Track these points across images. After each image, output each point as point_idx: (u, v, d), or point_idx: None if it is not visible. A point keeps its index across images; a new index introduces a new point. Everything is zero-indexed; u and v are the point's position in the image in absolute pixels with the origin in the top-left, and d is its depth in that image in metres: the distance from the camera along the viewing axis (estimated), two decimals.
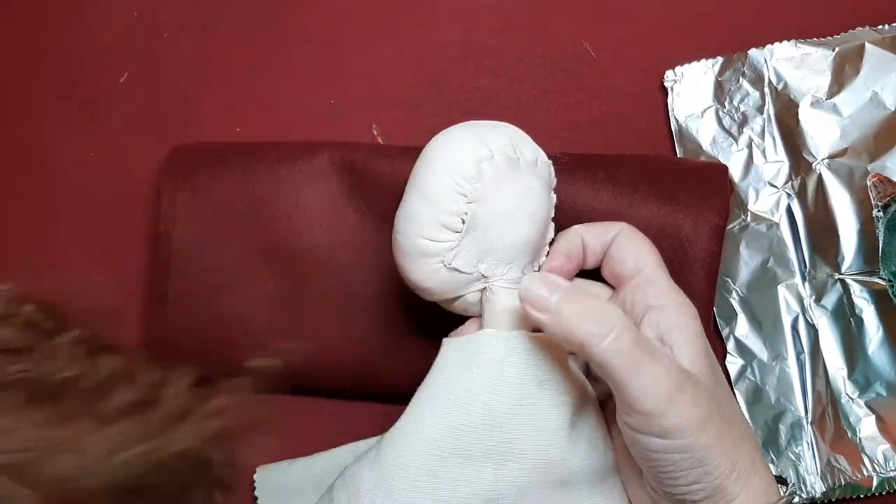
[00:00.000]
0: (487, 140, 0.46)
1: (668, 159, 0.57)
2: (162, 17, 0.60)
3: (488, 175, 0.46)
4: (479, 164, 0.46)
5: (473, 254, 0.46)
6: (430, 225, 0.46)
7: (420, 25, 0.59)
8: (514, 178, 0.46)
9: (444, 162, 0.46)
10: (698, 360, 0.45)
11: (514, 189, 0.46)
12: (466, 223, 0.46)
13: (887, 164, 0.56)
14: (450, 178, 0.46)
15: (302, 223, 0.54)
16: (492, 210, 0.46)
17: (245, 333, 0.54)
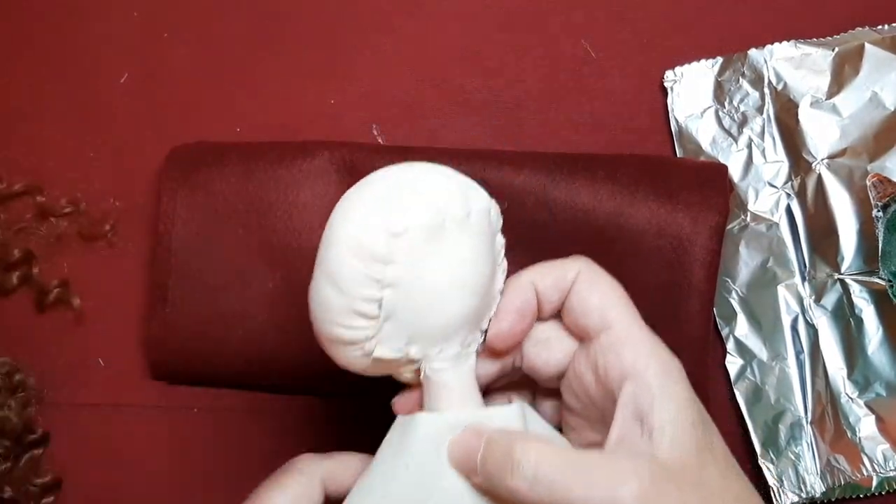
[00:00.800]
0: (399, 210, 0.39)
1: (667, 159, 0.57)
2: (162, 17, 0.60)
3: (402, 253, 0.39)
4: (389, 242, 0.39)
5: (399, 339, 0.41)
6: (343, 313, 0.40)
7: (420, 25, 0.59)
8: (438, 249, 0.40)
9: (348, 241, 0.39)
10: (681, 443, 0.38)
11: (439, 263, 0.40)
12: (384, 309, 0.40)
13: (887, 164, 0.56)
14: (357, 261, 0.39)
15: (302, 222, 0.54)
16: (413, 292, 0.40)
17: (245, 333, 0.54)
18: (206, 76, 0.59)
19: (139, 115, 0.59)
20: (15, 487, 0.54)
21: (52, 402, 0.56)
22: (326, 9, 0.60)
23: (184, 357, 0.55)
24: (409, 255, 0.39)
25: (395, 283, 0.39)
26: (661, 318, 0.52)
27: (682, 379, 0.41)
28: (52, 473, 0.55)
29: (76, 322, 0.57)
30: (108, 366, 0.57)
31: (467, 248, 0.41)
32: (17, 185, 0.58)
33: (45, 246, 0.58)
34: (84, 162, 0.59)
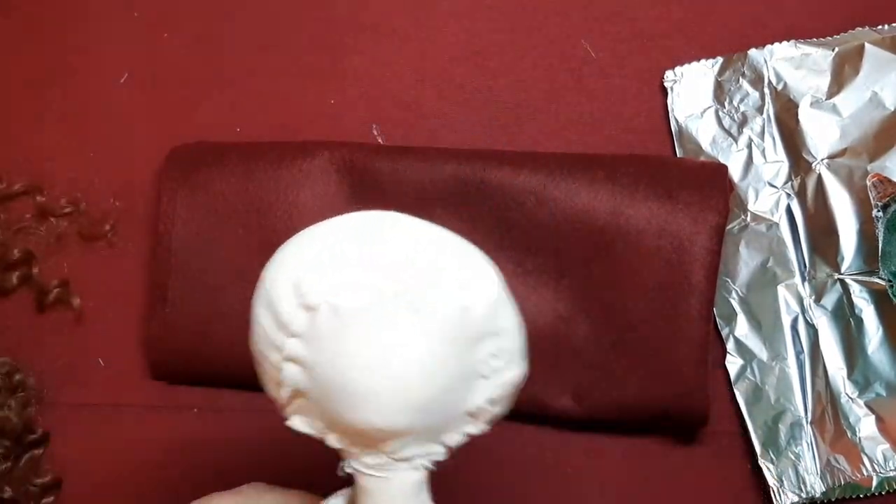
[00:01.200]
0: (323, 276, 0.32)
1: (667, 159, 0.57)
2: (162, 17, 0.60)
3: (313, 331, 0.32)
4: (296, 312, 0.32)
5: (315, 419, 0.35)
6: (259, 356, 0.35)
7: (420, 25, 0.59)
8: (367, 335, 0.32)
9: (262, 290, 0.34)
10: None
11: (366, 353, 0.32)
12: (289, 382, 0.34)
13: (887, 164, 0.56)
14: (265, 318, 0.34)
15: (302, 222, 0.54)
16: (325, 378, 0.33)
17: (244, 332, 0.54)
18: (206, 76, 0.59)
19: (139, 115, 0.59)
20: (15, 487, 0.54)
21: (52, 402, 0.56)
22: (326, 9, 0.60)
23: (184, 357, 0.55)
24: (322, 335, 0.32)
25: (300, 359, 0.33)
26: (661, 318, 0.53)
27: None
28: (52, 473, 0.55)
29: (76, 322, 0.57)
30: (108, 366, 0.57)
31: (416, 346, 0.32)
32: (17, 185, 0.58)
33: (45, 246, 0.58)
34: (84, 162, 0.59)
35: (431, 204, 0.55)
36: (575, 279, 0.54)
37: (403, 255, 0.33)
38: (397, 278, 0.32)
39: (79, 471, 0.56)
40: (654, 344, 0.53)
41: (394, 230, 0.33)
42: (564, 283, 0.54)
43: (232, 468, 0.56)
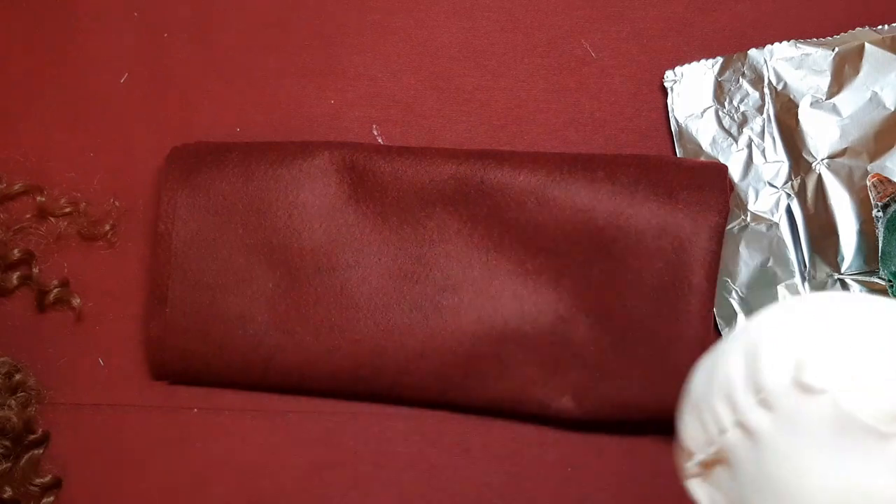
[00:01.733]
0: (806, 365, 0.27)
1: (667, 159, 0.57)
2: (162, 17, 0.60)
3: (795, 412, 0.28)
4: (788, 381, 0.28)
5: (722, 497, 0.31)
6: (700, 412, 0.32)
7: (420, 25, 0.59)
8: (817, 458, 0.27)
9: (751, 336, 0.31)
10: None
11: (810, 479, 0.27)
12: (720, 445, 0.31)
13: (887, 164, 0.56)
14: (742, 367, 0.30)
15: (302, 222, 0.55)
16: (767, 467, 0.28)
17: (245, 332, 0.54)
18: (206, 76, 0.59)
19: (139, 115, 0.59)
20: (15, 487, 0.54)
21: (52, 402, 0.56)
22: (326, 9, 0.60)
23: (184, 357, 0.55)
24: (799, 425, 0.27)
25: (755, 433, 0.28)
26: (661, 319, 0.53)
27: None
28: (52, 473, 0.55)
29: (76, 322, 0.57)
30: (108, 366, 0.57)
31: (877, 480, 0.26)
32: (17, 185, 0.58)
33: (45, 246, 0.58)
34: (84, 162, 0.59)
35: (431, 204, 0.55)
36: (575, 279, 0.54)
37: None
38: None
39: (79, 471, 0.56)
40: (653, 344, 0.53)
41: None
42: (564, 283, 0.54)
43: (232, 468, 0.56)
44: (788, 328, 0.28)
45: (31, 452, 0.55)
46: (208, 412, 0.56)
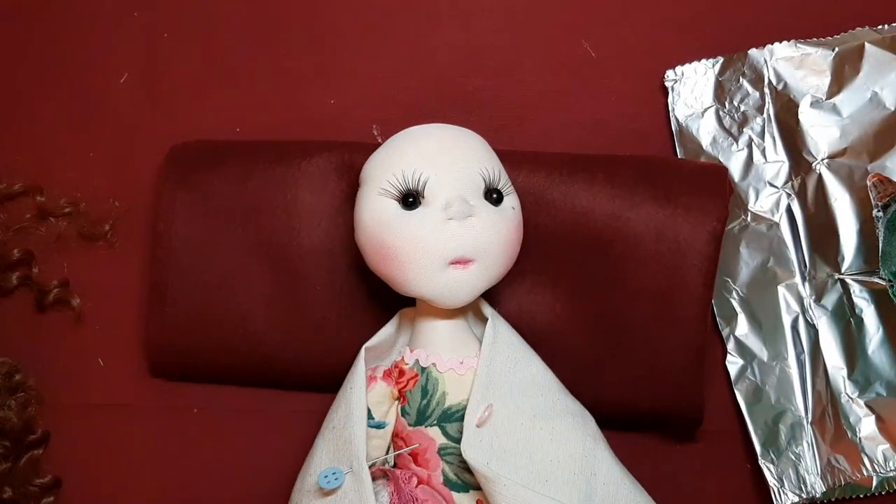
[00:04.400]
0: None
1: (667, 161, 0.57)
2: (162, 17, 0.60)
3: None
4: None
5: None
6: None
7: (420, 26, 0.59)
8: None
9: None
10: None
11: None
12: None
13: (887, 164, 0.56)
14: None
15: (301, 222, 0.54)
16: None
17: (244, 332, 0.54)
18: (206, 76, 0.59)
19: (139, 115, 0.59)
20: (15, 487, 0.54)
21: (52, 402, 0.56)
22: (326, 9, 0.60)
23: (184, 357, 0.55)
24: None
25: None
26: (658, 323, 0.52)
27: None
28: (52, 473, 0.55)
29: (76, 322, 0.57)
30: (108, 366, 0.57)
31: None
32: (17, 185, 0.58)
33: (45, 246, 0.58)
34: (84, 162, 0.59)
35: None
36: (572, 281, 0.54)
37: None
38: None
39: (79, 471, 0.56)
40: (650, 347, 0.53)
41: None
42: (561, 285, 0.54)
43: (232, 468, 0.56)
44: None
45: (31, 452, 0.55)
46: (208, 412, 0.56)
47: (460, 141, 0.50)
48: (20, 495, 0.54)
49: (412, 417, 0.49)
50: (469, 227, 0.48)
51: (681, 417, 0.53)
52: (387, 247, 0.48)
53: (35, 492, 0.54)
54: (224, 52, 0.59)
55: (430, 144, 0.49)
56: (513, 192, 0.50)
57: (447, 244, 0.47)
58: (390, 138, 0.51)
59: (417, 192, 0.48)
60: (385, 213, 0.48)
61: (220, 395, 0.56)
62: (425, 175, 0.48)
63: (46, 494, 0.55)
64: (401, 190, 0.48)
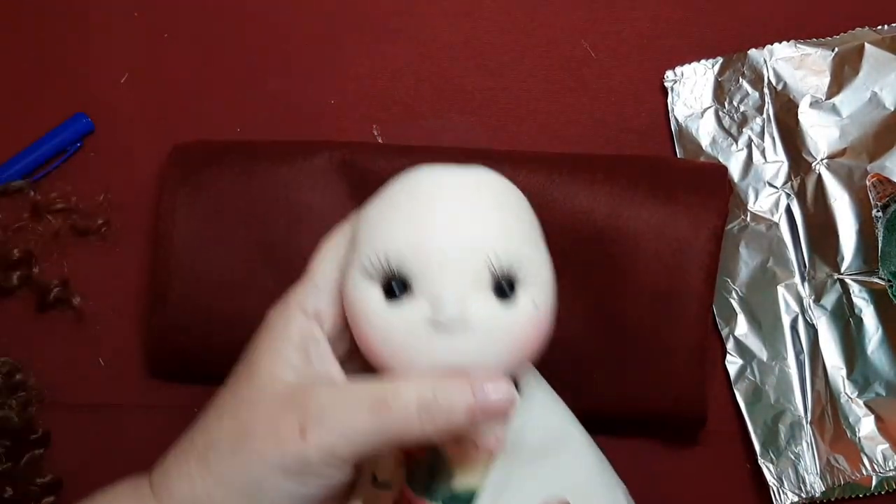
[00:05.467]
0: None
1: (667, 160, 0.57)
2: (162, 17, 0.60)
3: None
4: None
5: None
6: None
7: (420, 25, 0.59)
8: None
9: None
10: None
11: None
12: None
13: (887, 164, 0.56)
14: None
15: (302, 221, 0.54)
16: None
17: (245, 332, 0.54)
18: (206, 76, 0.59)
19: (139, 115, 0.59)
20: (16, 487, 0.54)
21: (52, 402, 0.56)
22: (326, 9, 0.60)
23: (184, 357, 0.55)
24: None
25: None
26: (659, 322, 0.52)
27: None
28: (53, 473, 0.55)
29: (76, 322, 0.57)
30: (108, 366, 0.57)
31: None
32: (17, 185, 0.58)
33: (44, 245, 0.58)
34: (84, 162, 0.59)
35: None
36: (572, 281, 0.54)
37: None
38: None
39: (79, 471, 0.56)
40: (651, 347, 0.53)
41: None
42: (562, 284, 0.54)
43: None
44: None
45: (32, 452, 0.55)
46: None
47: (469, 210, 0.39)
48: (21, 495, 0.54)
49: (418, 490, 0.42)
50: (461, 339, 0.38)
51: (683, 417, 0.53)
52: (366, 342, 0.40)
53: (36, 492, 0.54)
54: (224, 52, 0.59)
55: (428, 213, 0.39)
56: (542, 278, 0.40)
57: (433, 357, 0.38)
58: (389, 185, 0.41)
59: (403, 281, 0.38)
60: (365, 303, 0.39)
61: None
62: (411, 262, 0.38)
63: (47, 494, 0.55)
64: (383, 275, 0.38)
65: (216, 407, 0.43)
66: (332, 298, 0.42)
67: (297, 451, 0.39)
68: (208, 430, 0.42)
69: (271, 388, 0.41)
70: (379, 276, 0.39)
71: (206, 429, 0.42)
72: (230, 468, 0.40)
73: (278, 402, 0.40)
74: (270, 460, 0.39)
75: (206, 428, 0.42)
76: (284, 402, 0.40)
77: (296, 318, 0.42)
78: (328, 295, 0.42)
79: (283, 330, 0.42)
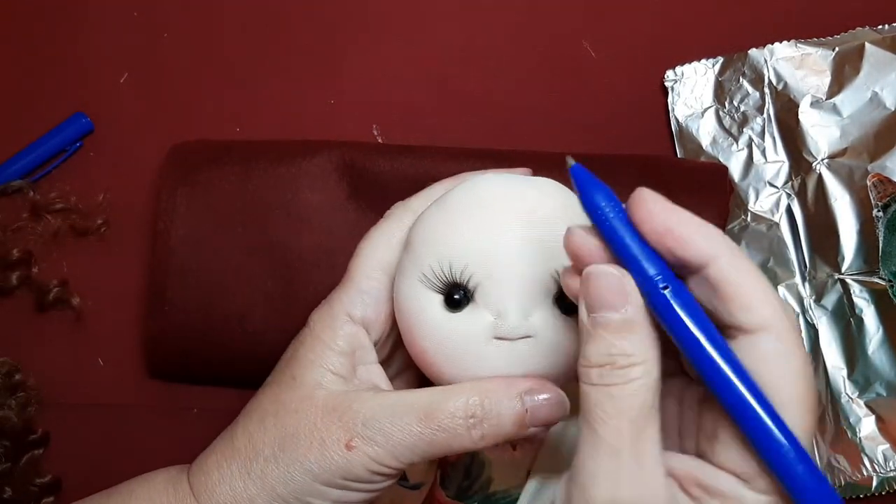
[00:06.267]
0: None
1: (667, 160, 0.57)
2: (162, 17, 0.60)
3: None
4: None
5: None
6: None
7: (420, 26, 0.59)
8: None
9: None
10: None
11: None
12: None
13: (887, 164, 0.56)
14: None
15: (301, 221, 0.54)
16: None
17: (244, 332, 0.54)
18: (206, 76, 0.59)
19: (139, 115, 0.59)
20: (15, 487, 0.54)
21: (52, 402, 0.56)
22: (326, 9, 0.60)
23: (183, 356, 0.55)
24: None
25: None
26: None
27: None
28: (52, 473, 0.55)
29: (76, 322, 0.57)
30: (108, 366, 0.57)
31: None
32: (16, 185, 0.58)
33: (43, 245, 0.58)
34: (84, 161, 0.59)
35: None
36: None
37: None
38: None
39: (79, 471, 0.56)
40: None
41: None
42: None
43: None
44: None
45: (31, 452, 0.55)
46: (208, 412, 0.56)
47: (536, 222, 0.39)
48: (20, 495, 0.54)
49: (451, 492, 0.43)
50: (522, 351, 0.38)
51: None
52: (422, 351, 0.40)
53: (35, 492, 0.54)
54: (224, 52, 0.59)
55: (495, 224, 0.39)
56: None
57: (491, 367, 0.39)
58: (451, 193, 0.41)
59: (465, 290, 0.39)
60: (424, 311, 0.39)
61: (220, 396, 0.56)
62: (476, 271, 0.38)
63: (46, 494, 0.55)
64: (445, 282, 0.39)
65: (258, 411, 0.43)
66: (378, 304, 0.41)
67: (343, 462, 0.39)
68: (250, 435, 0.42)
69: (316, 397, 0.41)
70: (440, 285, 0.39)
71: (247, 433, 0.42)
72: (273, 475, 0.40)
73: (324, 411, 0.40)
74: (315, 470, 0.39)
75: (247, 432, 0.42)
76: (330, 411, 0.40)
77: (343, 325, 0.41)
78: (374, 300, 0.41)
79: (330, 337, 0.42)
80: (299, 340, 0.43)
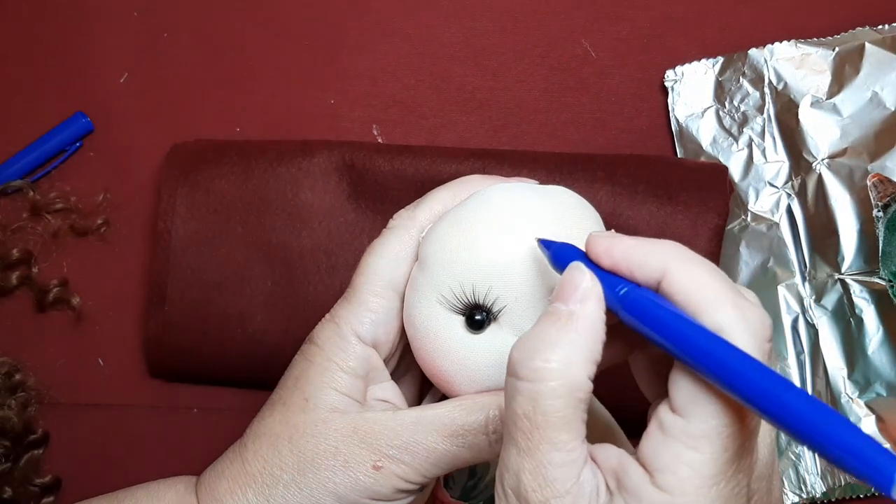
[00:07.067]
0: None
1: (667, 159, 0.57)
2: (162, 17, 0.60)
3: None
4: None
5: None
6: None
7: (420, 25, 0.59)
8: None
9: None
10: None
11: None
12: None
13: (887, 164, 0.56)
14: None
15: (301, 221, 0.54)
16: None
17: (244, 332, 0.54)
18: (206, 76, 0.59)
19: (139, 115, 0.59)
20: (15, 487, 0.54)
21: (52, 402, 0.56)
22: (326, 9, 0.60)
23: (183, 356, 0.55)
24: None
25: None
26: None
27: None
28: (52, 473, 0.55)
29: (76, 322, 0.57)
30: (108, 366, 0.57)
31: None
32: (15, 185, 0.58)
33: (43, 245, 0.58)
34: (84, 161, 0.59)
35: None
36: None
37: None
38: None
39: (79, 471, 0.56)
40: None
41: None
42: None
43: None
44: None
45: (31, 452, 0.55)
46: (208, 412, 0.56)
47: (559, 235, 0.38)
48: (20, 495, 0.54)
49: (456, 492, 0.43)
50: None
51: None
52: (440, 371, 0.39)
53: (35, 492, 0.54)
54: (224, 52, 0.59)
55: (515, 242, 0.38)
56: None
57: None
58: (462, 206, 0.40)
59: (489, 312, 0.38)
60: (445, 333, 0.39)
61: (220, 395, 0.56)
62: (502, 294, 0.38)
63: (46, 494, 0.55)
64: (466, 304, 0.38)
65: (269, 435, 0.42)
66: (388, 323, 0.41)
67: (371, 482, 0.39)
68: (263, 458, 0.41)
69: (333, 420, 0.40)
70: (460, 306, 0.38)
71: (260, 457, 0.42)
72: (295, 499, 0.40)
73: (343, 434, 0.40)
74: (340, 492, 0.40)
75: (260, 457, 0.42)
76: (350, 434, 0.40)
77: (354, 347, 0.41)
78: (384, 320, 0.41)
79: (342, 359, 0.41)
80: (307, 360, 0.42)
